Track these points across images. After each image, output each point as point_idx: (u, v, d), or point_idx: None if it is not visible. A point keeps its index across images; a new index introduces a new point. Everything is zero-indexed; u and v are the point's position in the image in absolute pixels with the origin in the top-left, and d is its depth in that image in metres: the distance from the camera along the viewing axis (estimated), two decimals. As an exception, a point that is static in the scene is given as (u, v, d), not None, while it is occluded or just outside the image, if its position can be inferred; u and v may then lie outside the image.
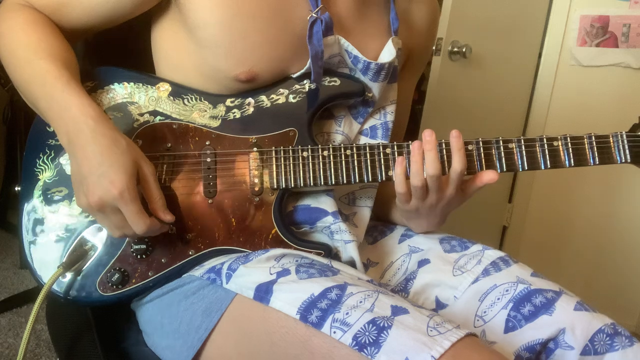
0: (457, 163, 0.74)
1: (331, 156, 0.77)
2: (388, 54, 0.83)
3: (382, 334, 0.59)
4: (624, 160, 0.77)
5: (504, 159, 0.77)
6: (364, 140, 0.86)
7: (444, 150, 0.76)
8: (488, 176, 0.75)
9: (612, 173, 2.05)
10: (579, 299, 0.75)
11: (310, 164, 0.77)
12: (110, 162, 0.66)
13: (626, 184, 2.06)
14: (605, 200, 2.08)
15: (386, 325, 0.60)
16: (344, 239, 0.79)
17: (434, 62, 1.74)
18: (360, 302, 0.64)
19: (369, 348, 0.58)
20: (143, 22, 0.83)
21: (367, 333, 0.60)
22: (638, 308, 2.09)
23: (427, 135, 0.74)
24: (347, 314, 0.62)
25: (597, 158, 0.77)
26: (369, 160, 0.77)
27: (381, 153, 0.77)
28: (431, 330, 0.59)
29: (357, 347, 0.59)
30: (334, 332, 0.61)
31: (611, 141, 0.77)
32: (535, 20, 2.10)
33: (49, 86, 0.71)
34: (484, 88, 1.96)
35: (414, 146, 0.74)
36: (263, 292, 0.67)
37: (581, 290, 0.85)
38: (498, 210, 2.26)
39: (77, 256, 0.75)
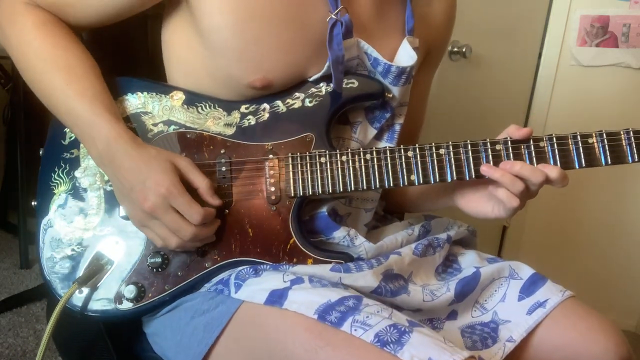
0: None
1: (350, 161, 0.74)
2: (408, 57, 0.80)
3: (403, 337, 0.60)
4: None
5: (534, 158, 0.74)
6: (375, 144, 0.84)
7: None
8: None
9: (612, 173, 2.05)
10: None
11: (329, 169, 0.74)
12: (149, 168, 0.68)
13: (626, 184, 2.06)
14: (606, 200, 2.08)
15: (407, 330, 0.60)
16: (364, 241, 0.79)
17: (434, 62, 1.74)
18: (378, 311, 0.64)
19: (391, 345, 0.59)
20: (141, 24, 0.83)
21: (388, 334, 0.60)
22: (638, 308, 2.09)
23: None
24: (367, 317, 0.62)
25: (635, 155, 0.73)
26: (389, 164, 0.74)
27: (402, 157, 0.74)
28: (448, 342, 0.61)
29: (379, 344, 0.59)
30: (355, 330, 0.60)
31: None
32: (535, 21, 2.09)
33: (72, 102, 0.71)
34: (484, 88, 1.96)
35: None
36: (277, 297, 0.67)
37: (581, 290, 0.85)
38: (498, 210, 2.25)
39: (93, 271, 0.74)
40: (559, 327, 0.77)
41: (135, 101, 0.78)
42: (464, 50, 1.74)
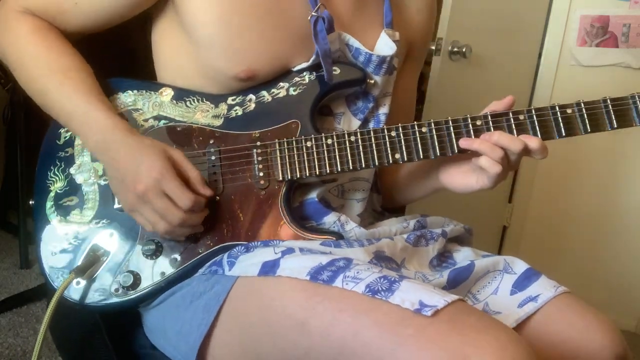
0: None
1: (335, 144, 0.76)
2: (386, 47, 0.83)
3: (394, 285, 0.62)
4: None
5: (515, 131, 0.74)
6: None
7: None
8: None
9: (612, 173, 2.05)
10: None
11: (315, 153, 0.76)
12: (142, 154, 0.71)
13: (626, 184, 2.06)
14: (605, 201, 2.08)
15: (397, 280, 0.63)
16: (354, 227, 0.79)
17: (434, 62, 1.73)
18: (368, 268, 0.66)
19: (382, 292, 0.61)
20: (140, 26, 0.84)
21: (379, 284, 0.62)
22: (638, 308, 2.09)
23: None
24: (357, 272, 0.64)
25: (614, 122, 0.73)
26: (374, 144, 0.76)
27: (386, 136, 0.76)
28: (437, 289, 0.63)
29: (370, 293, 0.61)
30: (346, 284, 0.62)
31: (630, 103, 0.74)
32: (535, 20, 2.10)
33: (67, 99, 0.74)
34: (484, 88, 1.96)
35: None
36: (269, 267, 0.68)
37: (581, 290, 0.85)
38: (498, 210, 2.26)
39: (89, 262, 0.76)
40: (554, 323, 0.76)
41: (126, 99, 0.81)
42: (464, 50, 1.75)
